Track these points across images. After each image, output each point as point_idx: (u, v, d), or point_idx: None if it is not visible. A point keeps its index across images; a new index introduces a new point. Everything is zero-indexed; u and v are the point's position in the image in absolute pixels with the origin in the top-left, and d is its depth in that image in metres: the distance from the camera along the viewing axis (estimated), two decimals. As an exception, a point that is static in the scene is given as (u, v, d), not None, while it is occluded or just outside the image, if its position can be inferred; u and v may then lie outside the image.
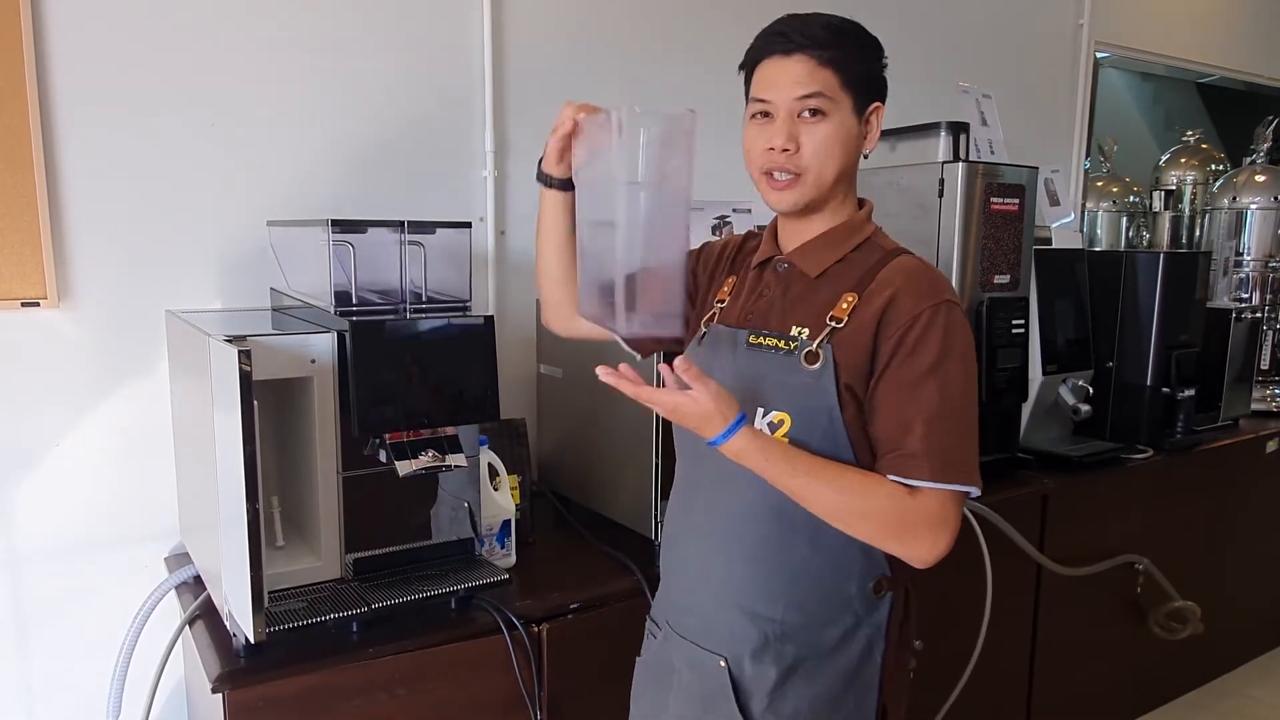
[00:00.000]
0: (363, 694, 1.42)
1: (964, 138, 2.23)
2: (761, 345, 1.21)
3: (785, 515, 1.18)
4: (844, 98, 1.18)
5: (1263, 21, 4.22)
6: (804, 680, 1.19)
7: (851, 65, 1.19)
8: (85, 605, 1.81)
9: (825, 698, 1.19)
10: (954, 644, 2.10)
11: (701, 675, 1.24)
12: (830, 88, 1.17)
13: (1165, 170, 3.77)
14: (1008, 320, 2.20)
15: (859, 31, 1.22)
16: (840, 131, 1.18)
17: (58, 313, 1.74)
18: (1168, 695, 2.92)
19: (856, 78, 1.19)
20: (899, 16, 2.93)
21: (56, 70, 1.69)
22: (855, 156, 1.22)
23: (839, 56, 1.17)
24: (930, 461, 1.10)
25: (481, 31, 2.13)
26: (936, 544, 1.12)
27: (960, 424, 1.13)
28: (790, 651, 1.19)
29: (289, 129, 1.93)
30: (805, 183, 1.19)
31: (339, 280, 1.48)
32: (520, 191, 2.23)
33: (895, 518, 1.11)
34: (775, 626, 1.19)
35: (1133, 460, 2.55)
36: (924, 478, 1.10)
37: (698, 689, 1.25)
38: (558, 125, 1.29)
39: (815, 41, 1.17)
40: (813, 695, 1.19)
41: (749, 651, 1.20)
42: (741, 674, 1.21)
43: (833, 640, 1.20)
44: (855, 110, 1.19)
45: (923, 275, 1.18)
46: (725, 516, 1.24)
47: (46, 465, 1.76)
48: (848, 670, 1.20)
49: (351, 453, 1.50)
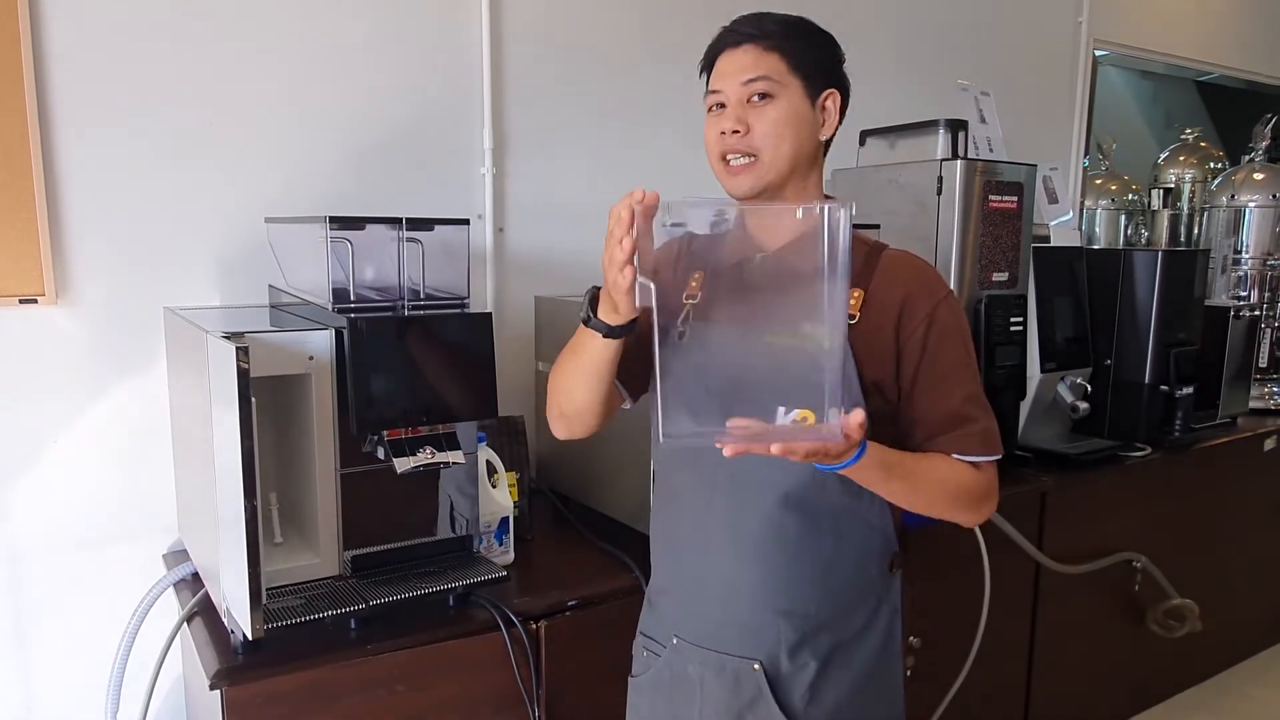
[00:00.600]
0: (361, 691, 1.42)
1: (962, 135, 2.23)
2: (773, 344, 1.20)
3: (809, 511, 1.20)
4: (792, 81, 1.19)
5: (1262, 20, 4.22)
6: (840, 667, 1.22)
7: (799, 51, 1.20)
8: (84, 602, 1.81)
9: (862, 679, 1.24)
10: (952, 641, 2.10)
11: (734, 682, 1.22)
12: (776, 71, 1.19)
13: (1164, 168, 3.77)
14: (1006, 318, 2.20)
15: (809, 24, 1.24)
16: (790, 113, 1.19)
17: (56, 310, 1.74)
18: (1166, 693, 2.92)
19: (805, 63, 1.20)
20: (897, 14, 2.92)
21: (55, 68, 1.69)
22: (811, 141, 1.22)
23: (785, 43, 1.20)
24: (985, 440, 1.21)
25: (480, 28, 2.13)
26: (991, 508, 1.26)
27: (983, 399, 1.23)
28: (825, 642, 1.22)
29: (287, 126, 1.93)
30: (762, 164, 1.19)
31: (337, 277, 1.48)
32: (519, 189, 2.23)
33: (972, 493, 1.21)
34: (811, 622, 1.21)
35: (1131, 458, 2.55)
36: (984, 453, 1.21)
37: (727, 697, 1.23)
38: (618, 247, 1.04)
39: (762, 31, 1.20)
40: (851, 679, 1.23)
41: (785, 650, 1.21)
42: (778, 673, 1.21)
43: (859, 625, 1.24)
44: (807, 94, 1.20)
45: (924, 272, 1.24)
46: (751, 522, 1.22)
47: (45, 462, 1.76)
48: (876, 649, 1.25)
49: (349, 449, 1.50)
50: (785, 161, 1.20)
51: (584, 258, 2.34)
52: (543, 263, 2.29)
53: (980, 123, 2.48)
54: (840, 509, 1.21)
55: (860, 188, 2.35)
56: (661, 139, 2.39)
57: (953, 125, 2.23)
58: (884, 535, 1.25)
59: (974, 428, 1.21)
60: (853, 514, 1.22)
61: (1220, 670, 3.09)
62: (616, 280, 1.06)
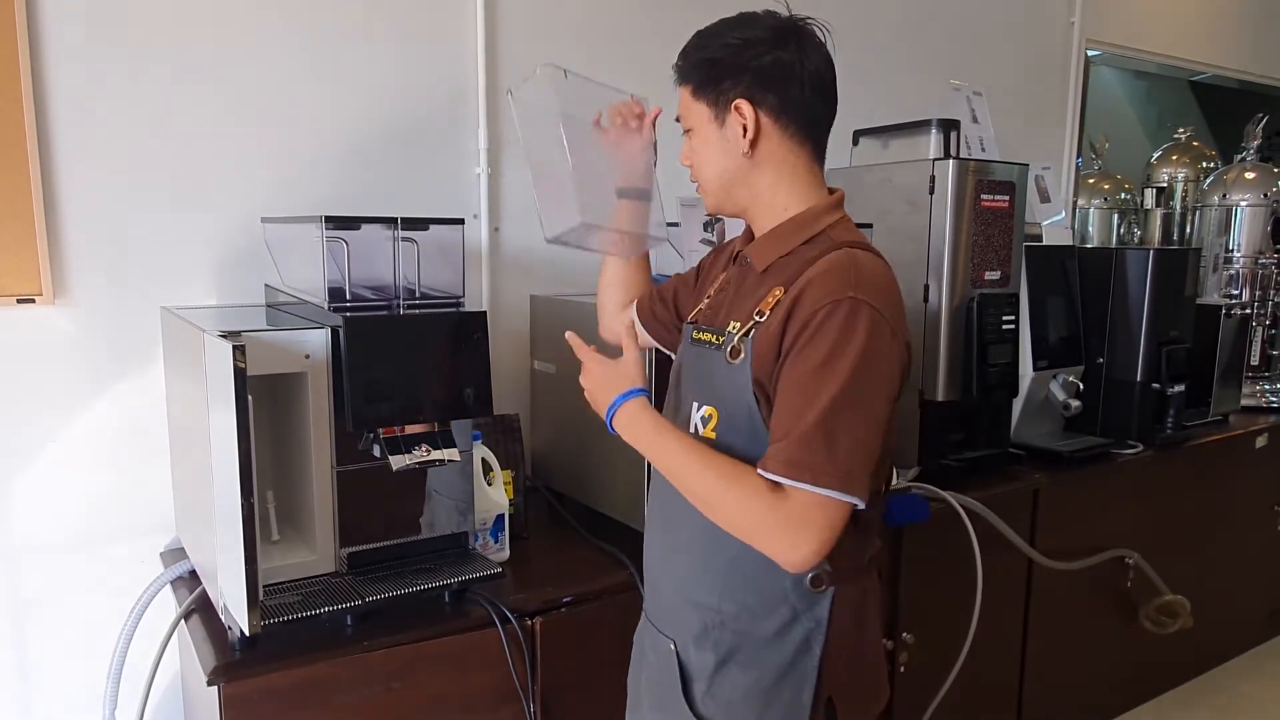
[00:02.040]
0: (357, 687, 1.43)
1: (955, 135, 2.24)
2: (700, 340, 1.26)
3: None
4: (698, 107, 1.23)
5: (1254, 20, 4.24)
6: (740, 668, 1.22)
7: (693, 73, 1.23)
8: (81, 599, 1.82)
9: (760, 686, 1.21)
10: (945, 638, 2.11)
11: (659, 657, 1.30)
12: (684, 105, 1.25)
13: (1156, 167, 3.79)
14: (998, 316, 2.21)
15: (711, 39, 1.22)
16: (701, 144, 1.25)
17: (53, 309, 1.74)
18: (1158, 689, 2.94)
19: (704, 84, 1.22)
20: (891, 14, 2.94)
21: (51, 67, 1.70)
22: (730, 158, 1.22)
23: (688, 72, 1.24)
24: (793, 458, 1.06)
25: (475, 28, 2.14)
26: (796, 548, 1.07)
27: (843, 425, 1.06)
28: (727, 639, 1.22)
29: (284, 126, 1.94)
30: (703, 190, 1.28)
31: (333, 276, 1.49)
32: (514, 188, 2.24)
33: (754, 513, 1.09)
34: (713, 615, 1.23)
35: (1123, 455, 2.57)
36: (780, 473, 1.07)
37: (657, 670, 1.31)
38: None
39: (680, 62, 1.25)
40: (748, 683, 1.21)
41: (692, 637, 1.25)
42: (687, 658, 1.26)
43: (769, 631, 1.20)
44: (714, 117, 1.22)
45: (841, 270, 1.13)
46: (675, 512, 1.27)
47: (43, 461, 1.77)
48: (784, 661, 1.20)
49: (345, 447, 1.51)
50: (715, 186, 1.26)
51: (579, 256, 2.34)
52: (538, 262, 2.29)
53: (973, 122, 2.49)
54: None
55: (853, 187, 2.35)
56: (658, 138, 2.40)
57: (945, 125, 2.24)
58: None
59: (780, 441, 1.07)
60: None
61: (1212, 666, 3.11)
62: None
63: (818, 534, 1.07)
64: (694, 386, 1.26)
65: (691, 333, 1.28)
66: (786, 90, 1.18)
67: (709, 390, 1.22)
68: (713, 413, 1.21)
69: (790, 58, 1.18)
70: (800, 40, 1.19)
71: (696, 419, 1.23)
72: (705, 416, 1.22)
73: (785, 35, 1.19)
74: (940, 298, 2.15)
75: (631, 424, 1.22)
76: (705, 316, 1.30)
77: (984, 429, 2.35)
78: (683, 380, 1.30)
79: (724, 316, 1.24)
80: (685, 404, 1.27)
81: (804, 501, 1.06)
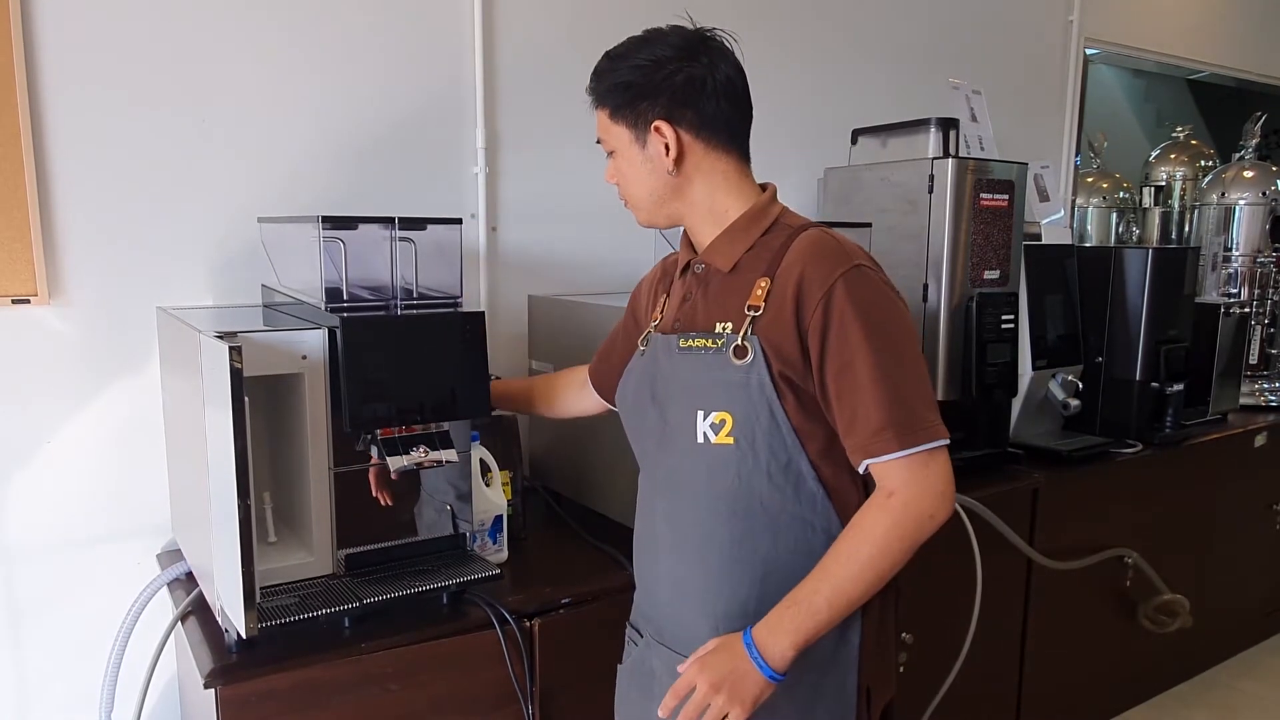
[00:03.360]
0: (355, 689, 1.43)
1: (954, 134, 2.24)
2: (692, 347, 1.22)
3: (741, 513, 1.20)
4: (617, 129, 1.24)
5: (1252, 19, 4.24)
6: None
7: (608, 96, 1.24)
8: (78, 601, 1.81)
9: (807, 684, 1.20)
10: (944, 637, 2.11)
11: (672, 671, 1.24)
12: (603, 128, 1.27)
13: (1155, 166, 3.78)
14: (997, 316, 2.21)
15: (621, 60, 1.24)
16: (625, 165, 1.26)
17: (48, 309, 1.74)
18: (1157, 688, 2.94)
19: (620, 107, 1.23)
20: (889, 13, 2.93)
21: (46, 67, 1.69)
22: (656, 178, 1.24)
23: (599, 94, 1.25)
24: (893, 433, 1.11)
25: (472, 27, 2.13)
26: (944, 499, 1.13)
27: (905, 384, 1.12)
28: None
29: (280, 125, 1.93)
30: (634, 207, 1.30)
31: (330, 276, 1.48)
32: (511, 188, 2.24)
33: (902, 523, 1.12)
34: (747, 620, 1.19)
35: (1122, 455, 2.57)
36: (893, 450, 1.11)
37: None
38: None
39: (593, 86, 1.27)
40: (793, 684, 1.19)
41: None
42: None
43: None
44: (635, 139, 1.23)
45: (825, 245, 1.18)
46: (688, 525, 1.25)
47: (38, 462, 1.76)
48: (824, 655, 1.20)
49: (343, 448, 1.50)
50: (644, 203, 1.27)
51: (577, 257, 2.35)
52: (536, 262, 2.29)
53: (971, 121, 2.49)
54: (774, 508, 1.18)
55: (851, 186, 2.36)
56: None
57: (944, 124, 2.24)
58: (827, 535, 1.19)
59: (868, 426, 1.11)
60: (788, 513, 1.19)
61: (1211, 665, 3.12)
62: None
63: (940, 483, 1.13)
64: (692, 395, 1.22)
65: (678, 341, 1.24)
66: (702, 105, 1.21)
67: (716, 396, 1.19)
68: (726, 417, 1.18)
69: (701, 72, 1.20)
70: (709, 52, 1.22)
71: (705, 427, 1.20)
72: (717, 423, 1.19)
73: (694, 49, 1.21)
74: (939, 297, 2.15)
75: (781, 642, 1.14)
76: (683, 324, 1.26)
77: (983, 428, 2.35)
78: (666, 392, 1.26)
79: (705, 320, 1.23)
80: (680, 415, 1.23)
81: (922, 463, 1.12)
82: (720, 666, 1.13)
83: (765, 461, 1.17)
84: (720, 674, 1.13)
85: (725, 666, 1.13)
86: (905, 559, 1.15)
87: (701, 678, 1.13)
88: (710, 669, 1.13)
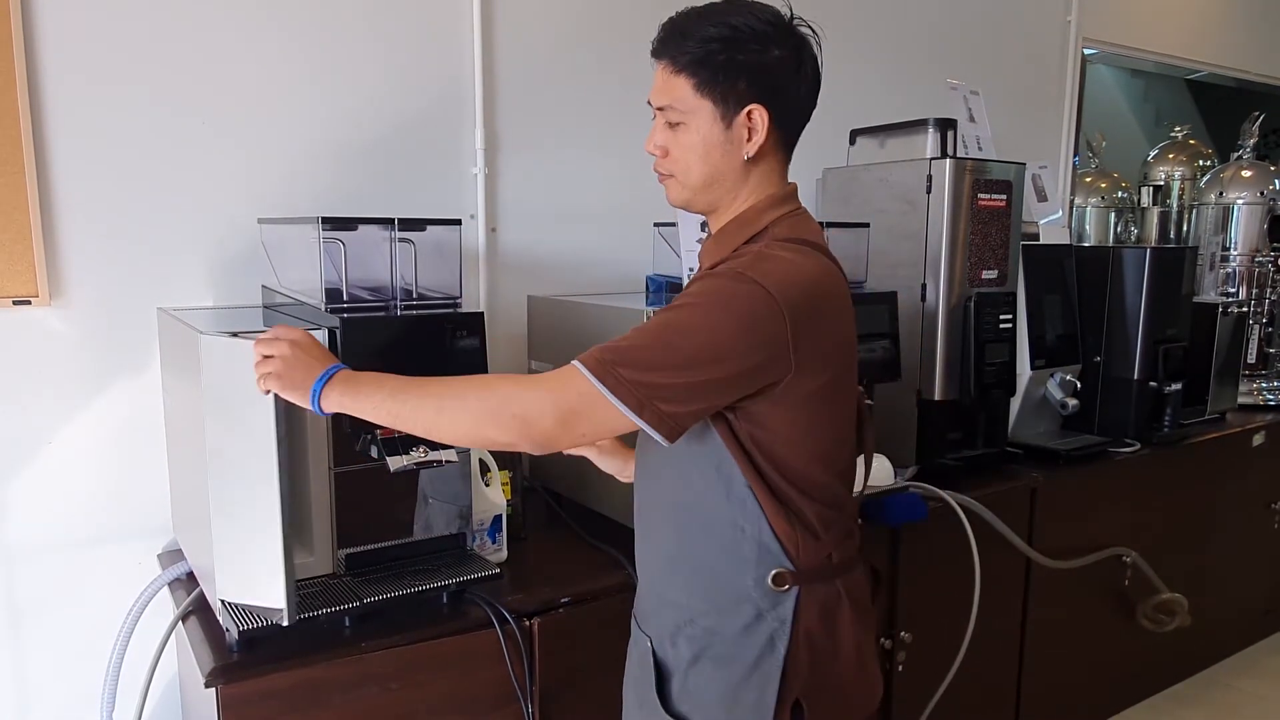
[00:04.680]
0: (355, 688, 1.43)
1: (952, 134, 2.24)
2: None
3: (681, 509, 1.24)
4: (701, 104, 1.15)
5: (1251, 19, 4.24)
6: (712, 664, 1.21)
7: (707, 69, 1.14)
8: (79, 601, 1.81)
9: (729, 684, 1.21)
10: (943, 637, 2.12)
11: (639, 654, 1.31)
12: (683, 98, 1.16)
13: (1153, 166, 3.79)
14: (996, 315, 2.21)
15: (727, 34, 1.13)
16: (697, 141, 1.17)
17: (49, 310, 1.74)
18: (1155, 687, 2.94)
19: (715, 83, 1.14)
20: (887, 14, 2.94)
21: (47, 69, 1.70)
22: (727, 161, 1.18)
23: (693, 62, 1.14)
24: (595, 355, 1.09)
25: (471, 28, 2.13)
26: (528, 424, 1.09)
27: (640, 335, 1.09)
28: (699, 636, 1.23)
29: (280, 126, 1.94)
30: (677, 182, 1.22)
31: (330, 277, 1.49)
32: (511, 188, 2.24)
33: (493, 400, 1.12)
34: (684, 612, 1.24)
35: (1120, 454, 2.57)
36: (584, 365, 1.09)
37: (638, 667, 1.32)
38: None
39: (671, 46, 1.16)
40: (719, 680, 1.21)
41: (668, 634, 1.26)
42: (664, 655, 1.26)
43: (736, 629, 1.20)
44: (721, 115, 1.15)
45: (742, 257, 1.14)
46: (646, 512, 1.32)
47: (39, 462, 1.76)
48: (749, 660, 1.19)
49: (343, 448, 1.51)
50: (699, 183, 1.20)
51: (576, 257, 2.36)
52: (535, 262, 2.29)
53: (969, 121, 2.49)
54: (708, 507, 1.20)
55: (850, 186, 2.37)
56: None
57: (942, 124, 2.24)
58: (758, 544, 1.18)
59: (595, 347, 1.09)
60: (719, 514, 1.19)
61: (1210, 664, 3.12)
62: None
63: (562, 405, 1.08)
64: None
65: None
66: (789, 92, 1.17)
67: None
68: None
69: (792, 56, 1.16)
70: (796, 35, 1.17)
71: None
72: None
73: (786, 29, 1.17)
74: (937, 297, 2.16)
75: (347, 395, 1.17)
76: None
77: (981, 428, 2.35)
78: None
79: None
80: None
81: (562, 377, 1.09)
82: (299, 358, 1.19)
83: (700, 461, 1.20)
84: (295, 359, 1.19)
85: (301, 359, 1.19)
86: (474, 430, 1.13)
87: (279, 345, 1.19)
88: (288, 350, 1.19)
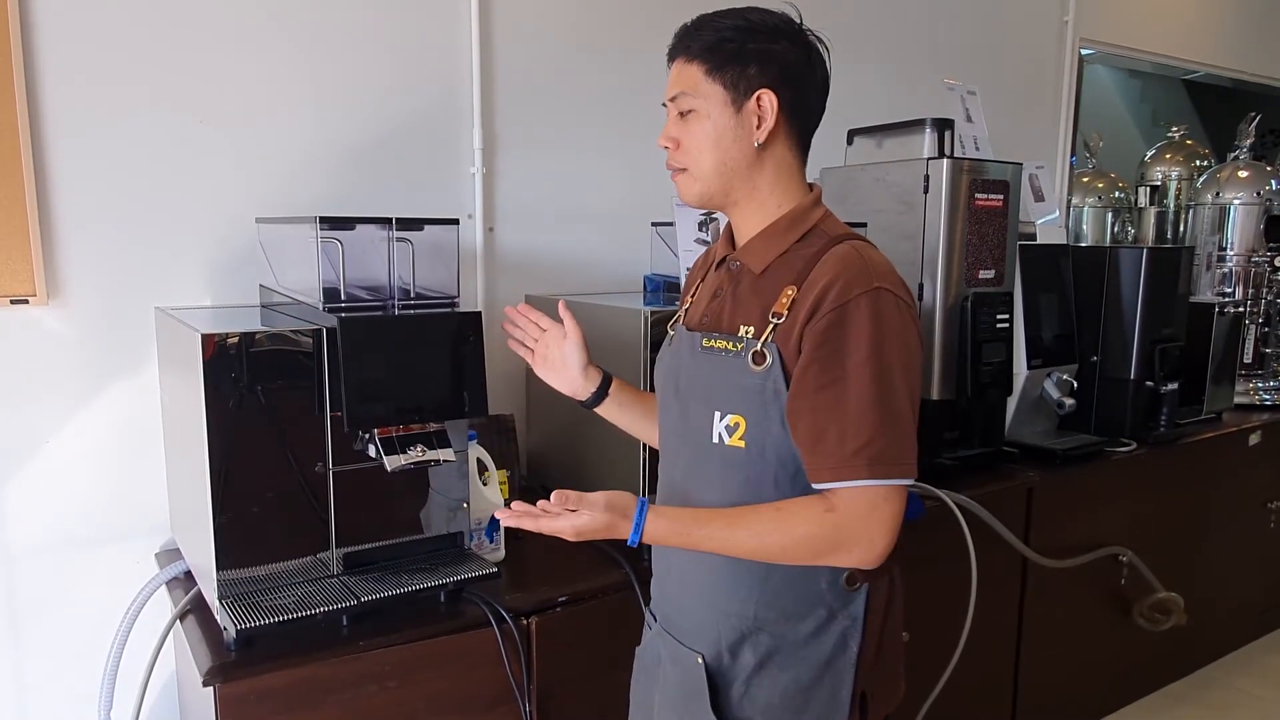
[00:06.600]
0: (352, 686, 1.43)
1: (949, 134, 2.24)
2: (713, 348, 1.22)
3: None
4: (712, 89, 1.17)
5: (1248, 19, 4.25)
6: (778, 668, 1.21)
7: (719, 57, 1.16)
8: (77, 601, 1.81)
9: (798, 685, 1.21)
10: (940, 635, 2.12)
11: (682, 670, 1.26)
12: (694, 84, 1.18)
13: (1150, 166, 3.79)
14: (992, 315, 2.21)
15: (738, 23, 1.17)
16: (708, 127, 1.18)
17: (47, 310, 1.74)
18: (1152, 686, 2.95)
19: (726, 68, 1.16)
20: (884, 13, 2.94)
21: (45, 68, 1.70)
22: (739, 147, 1.19)
23: (705, 49, 1.17)
24: (865, 460, 1.08)
25: (469, 27, 2.14)
26: (873, 546, 1.11)
27: (892, 417, 1.10)
28: (765, 643, 1.21)
29: (278, 126, 1.94)
30: (690, 175, 1.22)
31: (327, 277, 1.49)
32: (508, 188, 2.24)
33: (821, 539, 1.12)
34: (750, 623, 1.21)
35: (1117, 453, 2.57)
36: (861, 477, 1.09)
37: (678, 684, 1.27)
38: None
39: (687, 42, 1.19)
40: (786, 683, 1.20)
41: (727, 646, 1.23)
42: (720, 667, 1.23)
43: (806, 633, 1.20)
44: (732, 101, 1.17)
45: (852, 263, 1.14)
46: None
47: (37, 462, 1.76)
48: (821, 660, 1.20)
49: (341, 448, 1.51)
50: (712, 173, 1.21)
51: (574, 256, 2.36)
52: (532, 262, 2.30)
53: (967, 121, 2.49)
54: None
55: (847, 186, 2.37)
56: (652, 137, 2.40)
57: (939, 124, 2.24)
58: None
59: (829, 449, 1.09)
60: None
61: (1206, 663, 3.12)
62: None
63: (888, 522, 1.11)
64: (711, 396, 1.22)
65: (701, 340, 1.24)
66: (800, 83, 1.19)
67: (732, 399, 1.19)
68: (740, 421, 1.18)
69: (806, 56, 1.19)
70: (808, 43, 1.21)
71: (720, 429, 1.20)
72: (731, 425, 1.19)
73: (799, 33, 1.20)
74: (934, 297, 2.16)
75: (663, 531, 1.17)
76: (709, 323, 1.26)
77: (978, 427, 2.36)
78: (689, 388, 1.26)
79: (730, 321, 1.22)
80: (699, 413, 1.24)
81: (868, 497, 1.10)
82: (597, 526, 1.15)
83: (774, 468, 1.18)
84: (593, 530, 1.15)
85: (601, 524, 1.14)
86: (798, 563, 1.16)
87: (577, 522, 1.14)
88: (588, 526, 1.15)
